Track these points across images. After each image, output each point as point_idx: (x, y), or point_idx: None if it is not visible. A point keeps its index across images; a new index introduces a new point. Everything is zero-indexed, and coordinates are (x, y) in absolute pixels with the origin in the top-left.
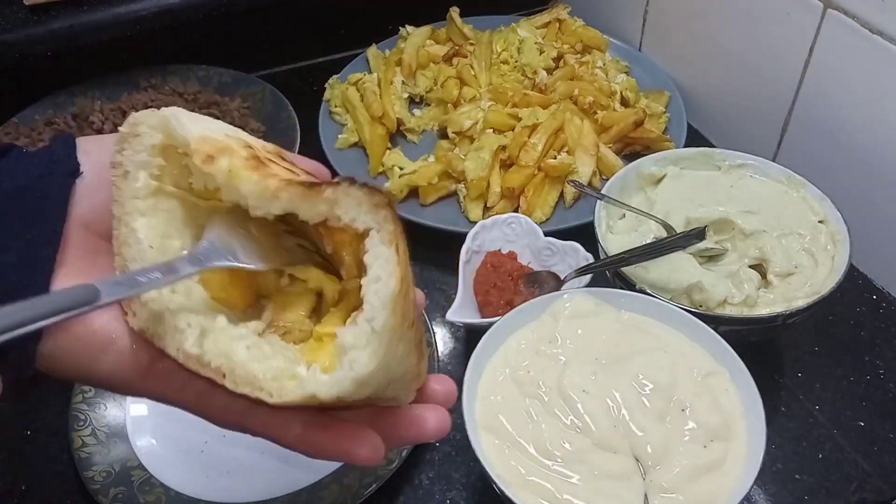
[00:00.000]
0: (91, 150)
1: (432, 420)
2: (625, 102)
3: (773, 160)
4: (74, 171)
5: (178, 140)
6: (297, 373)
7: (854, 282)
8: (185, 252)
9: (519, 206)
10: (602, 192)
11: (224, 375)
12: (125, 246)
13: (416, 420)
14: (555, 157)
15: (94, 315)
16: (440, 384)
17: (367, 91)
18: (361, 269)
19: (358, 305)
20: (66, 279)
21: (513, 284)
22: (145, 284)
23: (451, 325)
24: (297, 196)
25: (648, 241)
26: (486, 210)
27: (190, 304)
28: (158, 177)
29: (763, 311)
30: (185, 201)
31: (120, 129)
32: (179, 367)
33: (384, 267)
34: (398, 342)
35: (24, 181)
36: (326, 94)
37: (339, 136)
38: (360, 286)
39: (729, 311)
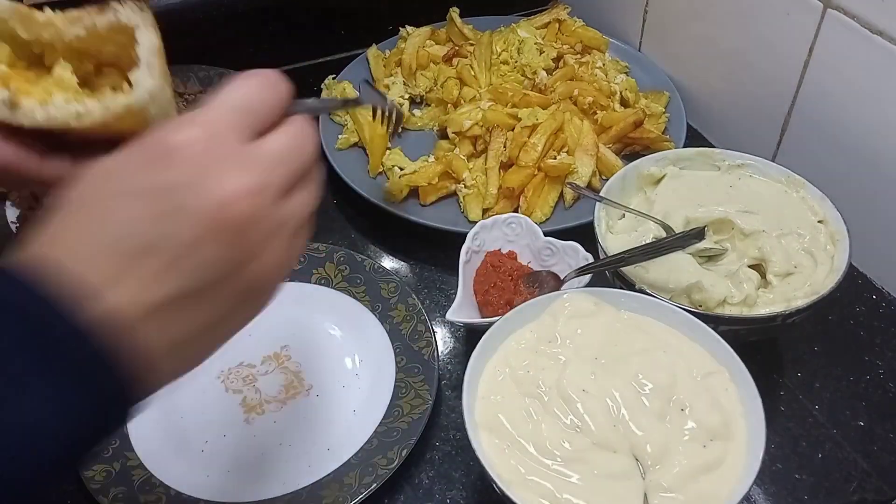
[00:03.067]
0: None
1: None
2: (624, 103)
3: (773, 160)
4: None
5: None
6: (115, 99)
7: (854, 282)
8: None
9: (519, 206)
10: (601, 192)
11: (67, 122)
12: None
13: None
14: (555, 158)
15: None
16: None
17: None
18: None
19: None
20: None
21: (513, 284)
22: None
23: (451, 325)
24: (93, 13)
25: (648, 241)
26: (486, 210)
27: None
28: None
29: (762, 310)
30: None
31: None
32: (20, 137)
33: (148, 36)
34: (165, 81)
35: None
36: (323, 95)
37: (340, 136)
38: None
39: (728, 310)
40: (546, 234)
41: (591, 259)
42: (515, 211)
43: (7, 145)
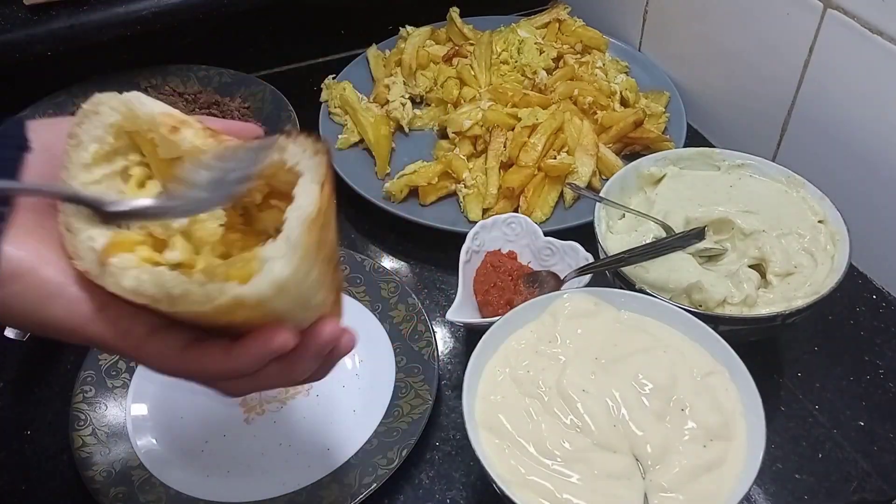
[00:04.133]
0: (39, 130)
1: (332, 328)
2: (624, 102)
3: (773, 160)
4: (23, 146)
5: (141, 116)
6: (223, 285)
7: (854, 281)
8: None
9: (519, 206)
10: (602, 192)
11: (158, 300)
12: (68, 205)
13: (323, 325)
14: (555, 157)
15: (43, 265)
16: (330, 325)
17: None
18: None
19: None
20: (16, 233)
21: (513, 284)
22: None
23: (451, 325)
24: (254, 145)
25: (648, 241)
26: (486, 210)
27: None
28: (107, 153)
29: (763, 310)
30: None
31: (83, 105)
32: (122, 308)
33: (306, 196)
34: (312, 264)
35: None
36: (323, 95)
37: (340, 136)
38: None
39: (728, 310)
40: (546, 234)
41: (591, 259)
42: (515, 211)
43: (100, 315)
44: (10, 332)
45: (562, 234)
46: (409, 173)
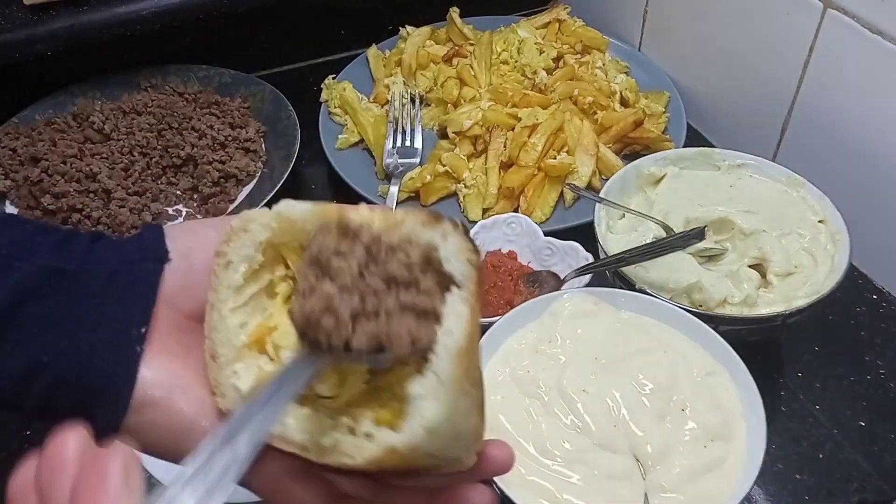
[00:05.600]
0: (177, 237)
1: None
2: (624, 102)
3: (773, 160)
4: (163, 257)
5: (297, 219)
6: (370, 431)
7: (854, 281)
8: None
9: (519, 206)
10: (601, 192)
11: (307, 448)
12: (215, 332)
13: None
14: (555, 157)
15: (178, 394)
16: (499, 450)
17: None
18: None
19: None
20: (153, 354)
21: (513, 284)
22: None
23: None
24: (418, 222)
25: (648, 241)
26: (486, 210)
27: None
28: (255, 271)
29: (763, 310)
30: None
31: (232, 222)
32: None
33: (456, 322)
34: (462, 395)
35: (116, 266)
36: (323, 95)
37: (339, 136)
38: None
39: (729, 310)
40: (546, 234)
41: (591, 259)
42: (515, 211)
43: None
44: None
45: (562, 234)
46: (408, 180)
